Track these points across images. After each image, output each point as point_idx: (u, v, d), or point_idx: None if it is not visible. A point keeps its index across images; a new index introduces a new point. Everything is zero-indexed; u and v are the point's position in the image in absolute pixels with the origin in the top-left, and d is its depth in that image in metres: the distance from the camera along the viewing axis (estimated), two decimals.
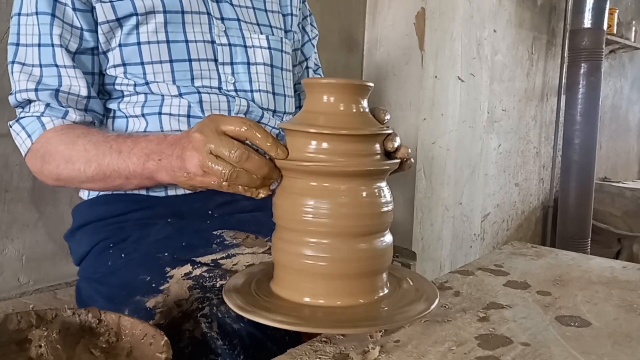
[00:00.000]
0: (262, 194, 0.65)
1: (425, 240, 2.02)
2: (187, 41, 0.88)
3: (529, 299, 0.72)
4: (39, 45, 0.83)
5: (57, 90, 0.83)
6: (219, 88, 0.91)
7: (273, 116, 0.97)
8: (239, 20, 0.94)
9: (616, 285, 0.78)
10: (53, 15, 0.82)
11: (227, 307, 0.71)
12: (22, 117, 0.85)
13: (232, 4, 0.94)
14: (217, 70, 0.91)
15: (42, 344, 0.54)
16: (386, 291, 0.64)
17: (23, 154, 0.86)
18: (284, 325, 0.56)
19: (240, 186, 0.64)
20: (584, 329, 0.63)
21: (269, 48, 0.97)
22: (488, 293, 0.74)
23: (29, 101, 0.85)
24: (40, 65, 0.83)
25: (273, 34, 0.99)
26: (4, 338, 0.56)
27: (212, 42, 0.91)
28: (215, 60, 0.91)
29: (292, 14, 1.06)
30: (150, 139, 0.77)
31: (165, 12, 0.86)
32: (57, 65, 0.83)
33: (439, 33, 1.90)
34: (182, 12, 0.88)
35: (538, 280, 0.79)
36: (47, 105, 0.84)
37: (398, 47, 2.03)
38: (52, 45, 0.82)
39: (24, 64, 0.83)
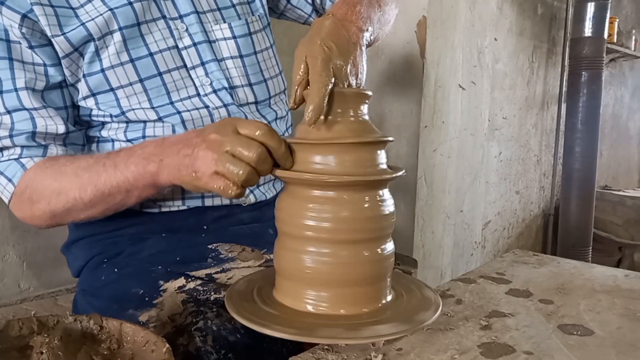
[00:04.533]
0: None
1: (427, 247, 2.01)
2: (151, 54, 0.82)
3: (532, 308, 0.71)
4: (1, 92, 0.77)
5: (33, 133, 0.78)
6: (198, 95, 0.86)
7: (257, 109, 0.92)
8: (197, 12, 0.86)
9: (619, 294, 0.78)
10: (10, 59, 0.77)
11: (222, 320, 0.71)
12: None
13: None
14: (190, 76, 0.86)
15: (44, 351, 0.54)
16: (389, 299, 0.64)
17: (6, 201, 0.80)
18: (285, 335, 0.56)
19: (244, 190, 0.63)
20: (587, 337, 0.63)
21: (234, 37, 0.89)
22: (490, 301, 0.73)
23: (3, 148, 0.79)
24: (8, 112, 0.77)
25: (239, 18, 0.90)
26: (5, 344, 0.55)
27: (176, 47, 0.85)
28: (185, 67, 0.85)
29: None
30: (146, 144, 0.74)
31: (120, 28, 0.80)
32: (26, 109, 0.77)
33: (440, 41, 1.91)
34: (138, 24, 0.82)
35: (540, 289, 0.79)
36: (24, 147, 0.79)
37: (399, 56, 2.04)
38: (16, 90, 0.77)
39: None
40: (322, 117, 0.61)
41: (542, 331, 0.64)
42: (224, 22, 0.89)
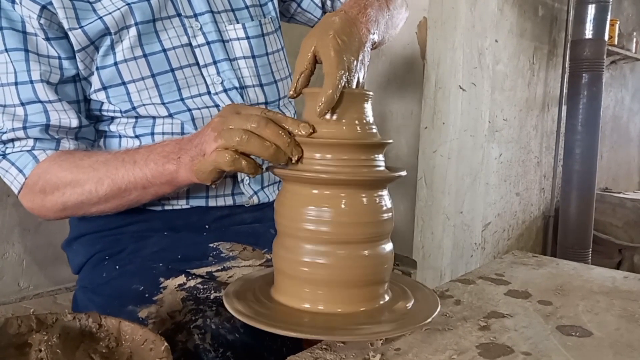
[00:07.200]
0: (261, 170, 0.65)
1: (426, 248, 2.01)
2: (164, 50, 0.83)
3: (530, 309, 0.71)
4: (16, 83, 0.77)
5: (47, 125, 0.78)
6: (208, 93, 0.86)
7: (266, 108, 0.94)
8: (212, 12, 0.87)
9: (617, 295, 0.78)
10: (26, 50, 0.76)
11: (221, 319, 0.71)
12: (9, 153, 0.80)
13: None
14: (202, 74, 0.86)
15: (42, 349, 0.54)
16: (387, 299, 0.64)
17: (16, 191, 0.81)
18: (282, 331, 0.56)
19: (244, 162, 0.62)
20: (585, 338, 0.63)
21: (247, 38, 0.90)
22: (489, 302, 0.73)
23: (15, 139, 0.79)
24: (22, 104, 0.77)
25: (252, 19, 0.91)
26: (3, 342, 0.55)
27: (190, 44, 0.85)
28: (198, 64, 0.86)
29: None
30: (166, 143, 0.75)
31: (136, 23, 0.80)
32: (41, 101, 0.77)
33: (441, 42, 1.91)
34: (154, 20, 0.82)
35: (539, 290, 0.79)
36: (37, 139, 0.79)
37: (400, 57, 2.04)
38: (31, 82, 0.77)
39: (4, 106, 0.78)
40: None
41: (541, 332, 0.64)
42: (238, 22, 0.90)
